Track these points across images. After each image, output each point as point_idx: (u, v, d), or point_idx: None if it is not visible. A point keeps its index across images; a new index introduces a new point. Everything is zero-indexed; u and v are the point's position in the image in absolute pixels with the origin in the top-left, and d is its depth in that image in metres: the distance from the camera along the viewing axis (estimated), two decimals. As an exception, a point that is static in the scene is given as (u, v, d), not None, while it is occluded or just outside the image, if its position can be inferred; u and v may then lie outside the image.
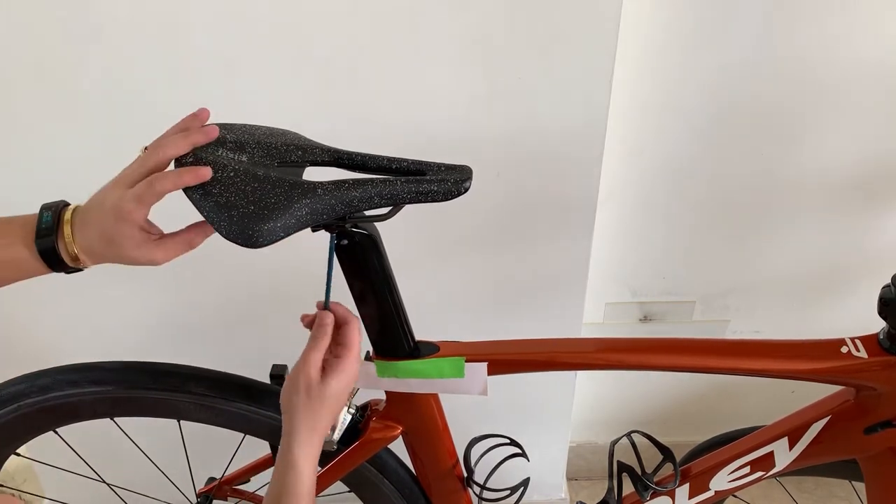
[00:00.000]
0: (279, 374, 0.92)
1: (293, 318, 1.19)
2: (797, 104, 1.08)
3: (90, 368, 0.87)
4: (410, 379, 0.80)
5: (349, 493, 0.97)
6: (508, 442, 0.91)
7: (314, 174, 0.68)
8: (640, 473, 0.84)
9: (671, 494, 0.87)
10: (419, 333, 0.81)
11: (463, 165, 0.70)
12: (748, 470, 0.84)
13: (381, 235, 0.74)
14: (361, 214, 0.70)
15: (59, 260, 0.64)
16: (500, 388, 0.86)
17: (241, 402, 0.87)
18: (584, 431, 1.49)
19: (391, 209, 0.68)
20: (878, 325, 0.75)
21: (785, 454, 0.81)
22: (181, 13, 0.92)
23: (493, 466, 0.89)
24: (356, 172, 0.71)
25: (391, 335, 0.79)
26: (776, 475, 0.84)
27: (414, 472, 0.93)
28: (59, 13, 0.91)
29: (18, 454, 0.97)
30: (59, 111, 0.98)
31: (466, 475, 0.90)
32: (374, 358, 0.81)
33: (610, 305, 1.30)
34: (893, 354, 0.72)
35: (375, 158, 0.70)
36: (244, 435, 0.93)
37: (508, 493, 0.88)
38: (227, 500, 1.07)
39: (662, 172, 1.15)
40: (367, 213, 0.69)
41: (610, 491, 0.86)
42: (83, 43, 0.93)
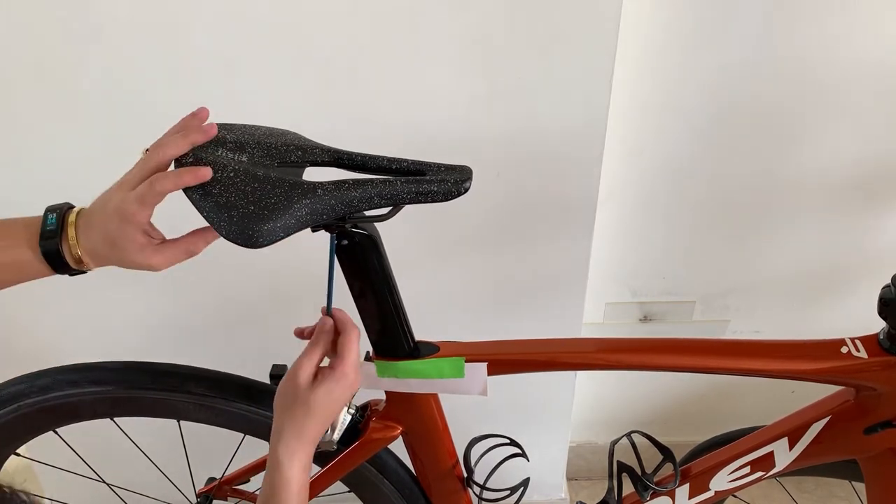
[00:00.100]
0: (279, 374, 0.92)
1: (293, 318, 1.20)
2: (797, 104, 1.08)
3: (90, 368, 0.87)
4: (410, 379, 0.80)
5: (349, 493, 0.97)
6: (508, 442, 0.91)
7: (314, 174, 0.68)
8: (640, 473, 0.84)
9: (671, 494, 0.87)
10: (419, 333, 0.81)
11: (463, 166, 0.70)
12: (748, 470, 0.84)
13: (381, 235, 0.74)
14: (361, 215, 0.70)
15: (62, 262, 0.64)
16: (500, 388, 0.86)
17: (240, 402, 0.87)
18: (584, 431, 1.49)
19: (391, 209, 0.68)
20: (878, 325, 0.75)
21: (785, 454, 0.81)
22: (181, 13, 0.92)
23: (493, 466, 0.89)
24: (356, 173, 0.71)
25: (391, 335, 0.79)
26: (776, 475, 0.84)
27: (414, 472, 0.93)
28: (59, 13, 0.91)
29: (18, 454, 0.97)
30: (59, 111, 0.99)
31: (466, 475, 0.90)
32: (374, 358, 0.81)
33: (610, 305, 1.30)
34: (893, 355, 0.72)
35: (375, 159, 0.70)
36: (244, 435, 0.93)
37: (508, 493, 0.88)
38: (227, 500, 1.07)
39: (662, 172, 1.15)
40: (367, 213, 0.69)
41: (610, 491, 0.86)
42: (83, 43, 0.93)
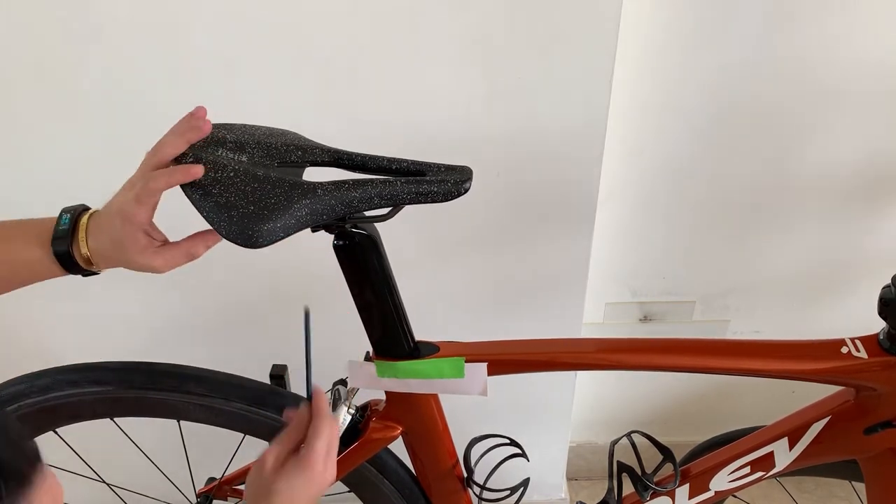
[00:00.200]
0: (279, 374, 0.92)
1: (293, 318, 1.19)
2: (797, 104, 1.08)
3: (90, 368, 0.87)
4: (410, 379, 0.80)
5: (349, 493, 0.97)
6: (508, 442, 0.91)
7: (314, 174, 0.68)
8: (640, 473, 0.84)
9: (671, 495, 0.87)
10: (419, 333, 0.81)
11: (463, 166, 0.70)
12: (748, 470, 0.83)
13: (380, 236, 0.74)
14: (361, 215, 0.70)
15: (73, 262, 0.66)
16: (500, 388, 0.85)
17: (240, 402, 0.87)
18: (584, 431, 1.49)
19: (391, 210, 0.68)
20: (878, 325, 0.75)
21: (785, 454, 0.81)
22: (181, 13, 0.92)
23: (493, 466, 0.89)
24: (356, 173, 0.71)
25: (391, 335, 0.79)
26: (776, 475, 0.84)
27: (414, 472, 0.93)
28: (59, 13, 0.91)
29: (18, 454, 0.97)
30: (59, 111, 0.99)
31: (466, 475, 0.90)
32: (374, 358, 0.81)
33: (610, 305, 1.30)
34: (893, 355, 0.72)
35: (375, 159, 0.70)
36: (244, 435, 0.93)
37: (508, 493, 0.88)
38: (227, 500, 1.07)
39: (662, 172, 1.15)
40: (366, 213, 0.69)
41: (610, 491, 0.86)
42: (83, 43, 0.93)
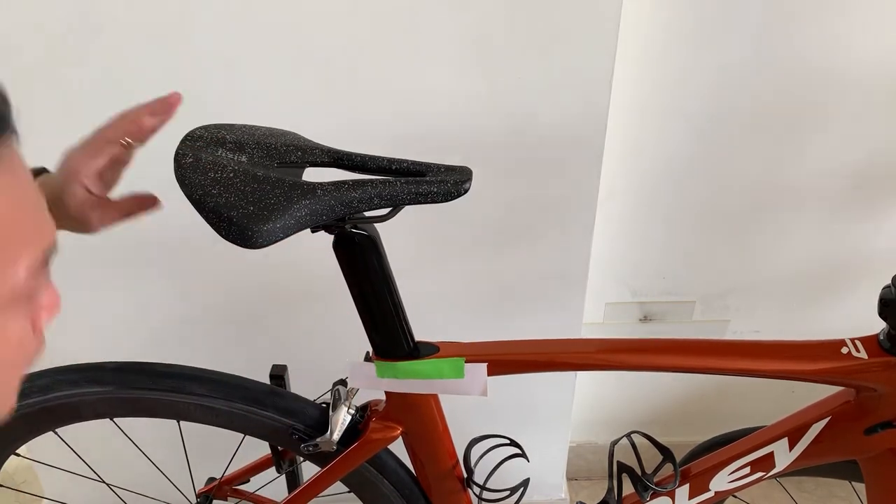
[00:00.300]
0: (279, 374, 0.92)
1: (293, 318, 1.20)
2: (797, 104, 1.08)
3: (90, 368, 0.87)
4: (410, 379, 0.80)
5: (349, 493, 0.97)
6: (508, 442, 0.91)
7: (314, 175, 0.68)
8: (640, 474, 0.84)
9: (671, 495, 0.87)
10: (419, 334, 0.81)
11: (462, 166, 0.70)
12: (748, 470, 0.83)
13: (380, 236, 0.74)
14: (361, 215, 0.70)
15: None
16: (500, 388, 0.85)
17: (240, 402, 0.87)
18: (584, 431, 1.49)
19: (391, 210, 0.68)
20: (878, 325, 0.75)
21: (785, 455, 0.81)
22: (181, 13, 0.92)
23: (492, 467, 0.89)
24: (356, 173, 0.71)
25: (391, 336, 0.79)
26: (776, 476, 0.84)
27: (414, 472, 0.93)
28: (59, 13, 0.91)
29: (18, 454, 0.97)
30: (58, 111, 0.98)
31: (466, 475, 0.90)
32: (373, 358, 0.81)
33: (610, 305, 1.30)
34: (893, 355, 0.72)
35: (375, 159, 0.70)
36: (244, 435, 0.93)
37: (508, 493, 0.88)
38: (227, 500, 1.07)
39: (662, 172, 1.15)
40: (366, 213, 0.69)
41: (610, 491, 0.86)
42: (83, 43, 0.93)
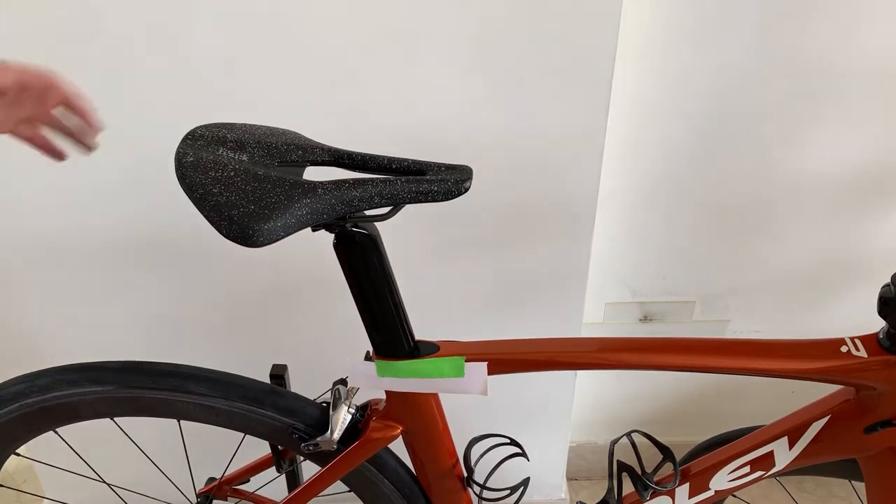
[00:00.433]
0: (279, 374, 0.92)
1: (293, 317, 1.20)
2: (797, 104, 1.08)
3: (90, 368, 0.87)
4: (410, 379, 0.80)
5: (349, 493, 0.97)
6: (508, 442, 0.91)
7: (314, 174, 0.69)
8: (640, 473, 0.84)
9: (671, 494, 0.87)
10: (419, 333, 0.81)
11: (463, 165, 0.71)
12: (748, 469, 0.83)
13: (381, 235, 0.74)
14: (362, 214, 0.70)
15: None
16: (500, 388, 0.86)
17: (241, 401, 0.87)
18: (584, 431, 1.49)
19: (391, 209, 0.69)
20: (877, 324, 0.75)
21: (785, 454, 0.81)
22: (181, 13, 0.92)
23: (493, 466, 0.89)
24: (356, 172, 0.71)
25: (391, 335, 0.79)
26: (776, 475, 0.84)
27: (414, 471, 0.93)
28: (59, 13, 0.91)
29: (18, 454, 0.97)
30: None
31: (466, 475, 0.90)
32: (374, 358, 0.81)
33: (610, 305, 1.30)
34: (893, 354, 0.72)
35: (375, 158, 0.70)
36: (244, 435, 0.93)
37: (508, 492, 0.88)
38: (227, 500, 1.07)
39: (662, 172, 1.15)
40: (367, 212, 0.69)
41: (610, 491, 0.86)
42: (83, 43, 0.94)
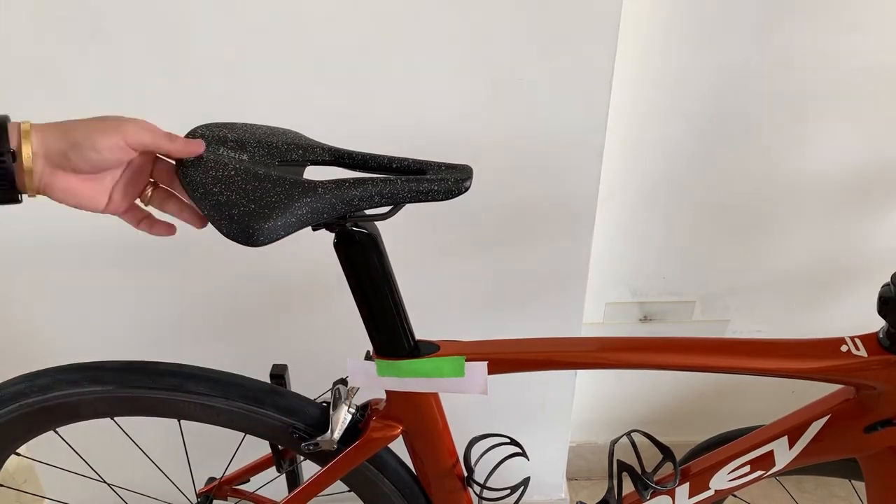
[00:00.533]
0: (279, 373, 0.92)
1: (293, 317, 1.20)
2: (797, 104, 1.08)
3: (90, 368, 0.87)
4: (410, 378, 0.80)
5: (349, 492, 0.97)
6: (508, 441, 0.91)
7: (315, 173, 0.69)
8: (640, 473, 0.84)
9: (671, 494, 0.87)
10: (419, 333, 0.81)
11: (463, 165, 0.71)
12: (748, 469, 0.83)
13: (381, 234, 0.74)
14: (362, 213, 0.70)
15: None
16: (500, 387, 0.86)
17: (241, 401, 0.87)
18: (584, 431, 1.49)
19: (392, 208, 0.69)
20: (877, 324, 0.75)
21: (785, 453, 0.81)
22: (181, 13, 0.92)
23: (493, 466, 0.89)
24: (357, 171, 0.71)
25: (391, 334, 0.79)
26: (776, 474, 0.84)
27: (414, 471, 0.93)
28: (59, 13, 0.91)
29: (19, 454, 0.97)
30: (59, 111, 0.98)
31: (466, 474, 0.90)
32: (374, 357, 0.81)
33: (610, 305, 1.30)
34: (893, 353, 0.72)
35: (376, 158, 0.71)
36: (244, 435, 0.93)
37: (508, 492, 0.88)
38: (227, 500, 1.07)
39: (662, 172, 1.15)
40: (367, 212, 0.69)
41: (610, 490, 0.86)
42: (83, 43, 0.94)
